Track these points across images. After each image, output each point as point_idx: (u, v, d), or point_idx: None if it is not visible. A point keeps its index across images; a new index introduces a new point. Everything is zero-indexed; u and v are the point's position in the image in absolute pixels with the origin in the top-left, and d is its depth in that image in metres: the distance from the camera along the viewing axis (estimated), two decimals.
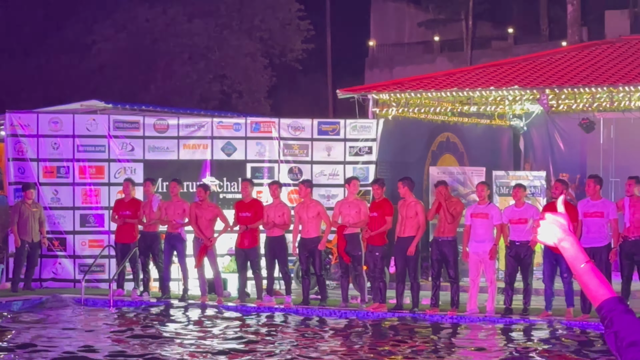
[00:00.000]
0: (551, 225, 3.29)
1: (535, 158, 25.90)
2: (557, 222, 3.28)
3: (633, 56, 23.63)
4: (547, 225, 3.31)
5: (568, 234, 3.26)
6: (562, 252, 3.28)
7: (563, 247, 3.28)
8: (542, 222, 3.32)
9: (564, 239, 3.27)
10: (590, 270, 3.23)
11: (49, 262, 21.47)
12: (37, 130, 21.51)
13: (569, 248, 3.30)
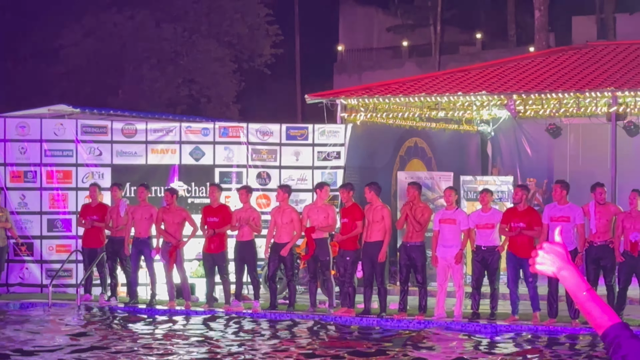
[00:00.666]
0: (549, 255, 3.30)
1: (503, 163, 26.02)
2: (556, 251, 3.29)
3: (599, 62, 23.79)
4: (546, 254, 3.31)
5: (567, 263, 3.26)
6: (561, 281, 3.28)
7: (563, 276, 3.27)
8: (540, 252, 3.34)
9: (563, 268, 3.28)
10: (592, 298, 3.23)
11: (16, 267, 21.42)
12: (4, 135, 21.46)
13: (569, 277, 3.27)
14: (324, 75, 53.09)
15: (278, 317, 18.39)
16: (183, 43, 41.48)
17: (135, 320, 18.57)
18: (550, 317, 17.30)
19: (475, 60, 45.63)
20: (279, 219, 18.90)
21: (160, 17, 40.84)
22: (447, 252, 17.89)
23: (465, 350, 15.76)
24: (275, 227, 18.92)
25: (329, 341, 16.31)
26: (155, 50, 40.77)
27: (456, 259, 17.84)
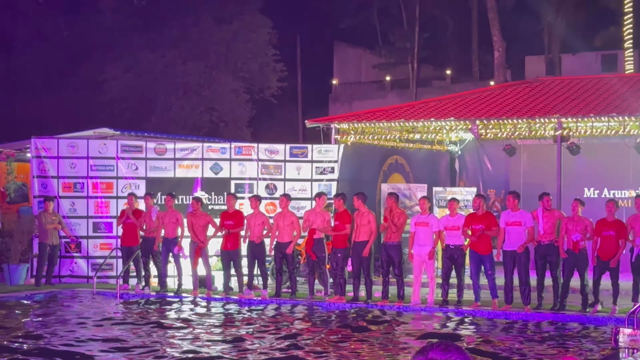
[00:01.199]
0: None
1: (468, 177, 26.05)
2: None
3: (547, 94, 23.83)
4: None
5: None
6: None
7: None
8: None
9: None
10: None
11: (67, 262, 21.47)
12: (57, 153, 21.52)
13: None
14: (321, 104, 53.11)
15: (282, 303, 18.42)
16: (205, 77, 41.59)
17: (165, 305, 18.59)
18: (507, 304, 17.31)
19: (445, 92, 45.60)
20: (281, 222, 18.95)
21: (186, 57, 40.93)
22: (422, 250, 17.95)
23: (435, 329, 15.78)
24: (277, 229, 18.97)
25: (325, 322, 16.30)
26: (181, 84, 40.87)
27: (429, 256, 17.90)
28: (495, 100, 23.69)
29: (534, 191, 19.70)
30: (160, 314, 17.32)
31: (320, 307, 18.05)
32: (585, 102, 22.22)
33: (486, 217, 17.63)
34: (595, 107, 21.55)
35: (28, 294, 19.23)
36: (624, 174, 23.16)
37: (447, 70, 54.51)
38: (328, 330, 15.27)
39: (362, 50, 57.03)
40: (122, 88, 40.07)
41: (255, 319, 16.63)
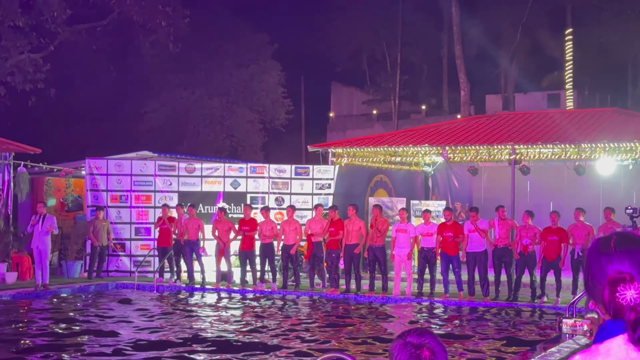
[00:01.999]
0: None
1: (439, 192, 26.01)
2: None
3: (504, 125, 23.83)
4: None
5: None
6: None
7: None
8: None
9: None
10: None
11: (114, 259, 21.41)
12: (106, 171, 21.50)
13: None
14: (320, 132, 53.12)
15: (288, 294, 18.38)
16: (227, 110, 41.61)
17: (193, 294, 18.56)
18: (470, 295, 17.30)
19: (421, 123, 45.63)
20: (287, 228, 18.95)
21: (212, 93, 40.97)
22: (401, 252, 17.93)
23: (413, 315, 15.75)
24: (284, 234, 18.95)
25: (324, 310, 16.27)
26: (208, 115, 40.89)
27: (407, 256, 17.88)
28: (461, 130, 23.70)
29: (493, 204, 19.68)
30: (189, 303, 17.29)
31: (319, 296, 18.02)
32: (534, 132, 22.23)
33: (454, 226, 17.63)
34: (542, 137, 21.55)
35: (81, 285, 19.18)
36: (565, 190, 23.15)
37: (422, 105, 54.56)
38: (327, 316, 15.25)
39: (354, 89, 57.12)
40: (159, 119, 40.09)
41: (266, 306, 16.61)
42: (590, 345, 2.40)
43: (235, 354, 11.15)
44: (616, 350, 2.21)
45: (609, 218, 16.72)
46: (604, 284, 2.27)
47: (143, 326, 13.46)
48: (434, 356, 2.60)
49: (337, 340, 12.43)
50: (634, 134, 20.67)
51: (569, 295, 16.40)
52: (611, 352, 2.22)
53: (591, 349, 2.29)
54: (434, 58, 53.31)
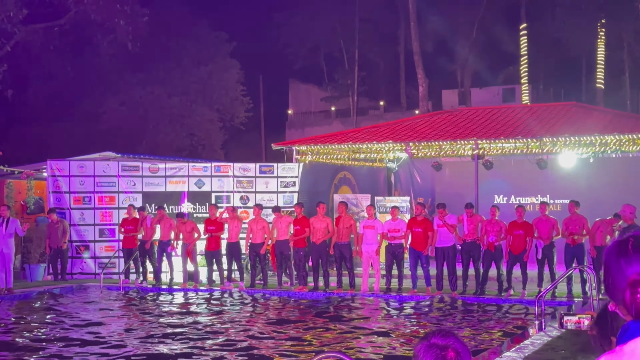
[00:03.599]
0: None
1: (402, 188, 26.12)
2: None
3: (465, 121, 23.98)
4: None
5: None
6: None
7: None
8: None
9: None
10: None
11: (78, 262, 21.11)
12: (69, 172, 21.19)
13: None
14: (279, 129, 53.10)
15: (255, 292, 18.28)
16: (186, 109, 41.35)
17: (159, 295, 18.38)
18: (438, 290, 17.37)
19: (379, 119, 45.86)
20: (254, 227, 18.84)
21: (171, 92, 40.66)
22: (369, 248, 17.91)
23: (381, 309, 15.76)
24: (251, 232, 18.85)
25: (292, 307, 16.20)
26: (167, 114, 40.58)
27: (375, 253, 17.89)
28: (424, 126, 23.80)
29: (456, 199, 19.86)
30: (156, 303, 17.10)
31: (286, 295, 17.95)
32: (496, 127, 22.40)
33: (424, 221, 17.67)
34: (504, 131, 21.73)
35: (46, 289, 18.88)
36: (528, 184, 23.38)
37: (380, 101, 54.78)
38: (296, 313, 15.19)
39: (311, 86, 57.17)
40: (118, 118, 39.67)
41: (234, 304, 16.50)
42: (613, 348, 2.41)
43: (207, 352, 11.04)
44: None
45: (573, 211, 16.90)
46: (624, 286, 2.31)
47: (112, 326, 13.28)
48: (459, 357, 2.63)
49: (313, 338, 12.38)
50: (594, 127, 20.94)
51: (535, 288, 16.58)
52: (636, 351, 2.24)
53: (616, 350, 2.33)
54: (391, 54, 53.57)
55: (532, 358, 9.69)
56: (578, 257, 16.62)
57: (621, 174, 22.20)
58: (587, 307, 14.18)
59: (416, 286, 17.57)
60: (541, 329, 12.11)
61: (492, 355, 9.98)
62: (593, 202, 20.10)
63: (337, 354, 5.78)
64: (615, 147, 21.00)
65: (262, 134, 53.02)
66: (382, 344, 11.90)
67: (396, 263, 17.89)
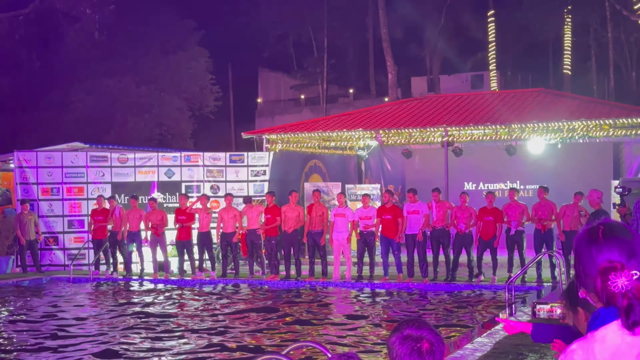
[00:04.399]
0: None
1: (372, 175, 26.15)
2: None
3: (435, 108, 24.07)
4: None
5: None
6: None
7: None
8: None
9: None
10: None
11: (47, 253, 20.93)
12: (36, 163, 20.98)
13: None
14: (249, 118, 52.87)
15: (227, 282, 18.26)
16: (155, 98, 41.00)
17: (130, 286, 18.28)
18: (409, 277, 17.44)
19: (349, 107, 45.84)
20: (225, 216, 18.79)
21: (139, 81, 40.30)
22: (340, 236, 17.94)
23: (353, 297, 15.80)
24: (222, 222, 18.81)
25: (264, 295, 16.20)
26: (135, 104, 40.21)
27: (346, 240, 17.91)
28: (394, 114, 23.84)
29: (426, 186, 19.90)
30: (127, 294, 17.02)
31: (259, 283, 17.94)
32: (465, 114, 22.49)
33: (393, 208, 17.71)
34: (473, 118, 21.84)
35: (15, 281, 18.71)
36: (497, 170, 23.52)
37: (349, 89, 54.75)
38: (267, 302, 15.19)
39: (281, 74, 56.99)
40: (85, 108, 39.23)
41: (206, 294, 16.46)
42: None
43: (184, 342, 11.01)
44: (611, 336, 2.28)
45: (542, 197, 17.04)
46: (595, 273, 2.33)
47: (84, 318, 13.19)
48: (433, 347, 2.64)
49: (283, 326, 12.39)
50: (562, 113, 21.11)
51: (505, 273, 16.73)
52: (607, 338, 2.29)
53: (587, 337, 2.37)
54: (361, 41, 53.53)
55: (503, 343, 9.77)
56: (547, 242, 16.78)
57: (589, 160, 22.41)
58: (557, 292, 14.32)
59: (387, 273, 17.63)
60: (512, 314, 12.21)
61: (464, 341, 10.05)
62: (561, 188, 20.30)
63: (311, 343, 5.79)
64: (583, 132, 21.21)
65: (231, 122, 52.86)
66: (354, 333, 11.92)
67: (368, 250, 17.92)
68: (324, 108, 49.37)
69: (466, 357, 8.83)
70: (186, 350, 10.77)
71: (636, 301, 2.25)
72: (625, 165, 22.40)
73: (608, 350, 2.26)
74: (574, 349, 2.33)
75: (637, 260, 2.31)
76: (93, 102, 39.04)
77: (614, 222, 2.51)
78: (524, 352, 9.19)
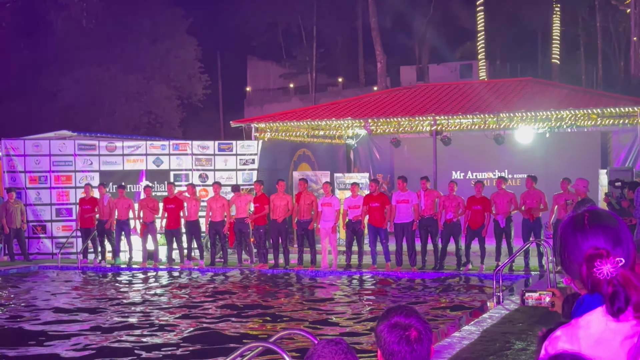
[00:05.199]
0: None
1: (361, 164, 26.16)
2: None
3: (424, 97, 24.06)
4: None
5: None
6: None
7: None
8: None
9: None
10: None
11: (35, 242, 20.88)
12: (24, 152, 20.91)
13: None
14: (238, 107, 52.80)
15: (216, 271, 18.24)
16: (143, 87, 40.88)
17: (118, 274, 18.24)
18: (397, 265, 17.47)
19: (338, 96, 45.82)
20: (213, 205, 18.77)
21: (127, 70, 40.12)
22: (327, 225, 17.96)
23: (340, 285, 15.82)
24: (211, 210, 18.78)
25: (252, 284, 16.20)
26: (124, 92, 40.08)
27: (332, 230, 17.91)
28: (383, 103, 23.82)
29: (415, 175, 19.89)
30: (115, 283, 16.99)
31: (247, 271, 17.94)
32: (454, 103, 22.51)
33: (380, 196, 17.72)
34: (462, 107, 21.85)
35: (3, 269, 18.64)
36: (485, 159, 23.56)
37: (338, 78, 54.70)
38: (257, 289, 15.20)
39: (270, 63, 56.90)
40: (73, 96, 39.08)
41: (195, 283, 16.45)
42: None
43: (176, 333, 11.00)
44: (595, 322, 2.29)
45: (530, 186, 17.06)
46: (580, 260, 2.34)
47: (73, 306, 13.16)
48: (421, 335, 2.63)
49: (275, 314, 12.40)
50: (550, 103, 21.14)
51: (493, 262, 16.77)
52: (591, 324, 2.29)
53: (571, 323, 2.38)
54: (350, 30, 53.46)
55: (491, 331, 9.80)
56: (535, 231, 16.82)
57: (577, 149, 22.48)
58: (544, 281, 14.38)
59: (376, 262, 17.65)
60: (499, 302, 12.25)
61: (451, 329, 10.08)
62: (550, 177, 20.35)
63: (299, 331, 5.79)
64: (571, 122, 21.26)
65: (220, 111, 52.74)
66: (341, 321, 11.94)
67: (356, 239, 17.94)
68: (313, 97, 49.31)
69: (454, 345, 8.86)
70: (171, 341, 10.76)
71: (621, 288, 2.25)
72: (613, 154, 22.48)
73: (592, 336, 2.27)
74: (558, 335, 2.34)
75: (622, 248, 2.32)
76: (81, 91, 38.87)
77: (600, 209, 2.52)
78: (512, 340, 9.22)
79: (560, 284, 12.75)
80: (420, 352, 2.62)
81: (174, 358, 9.53)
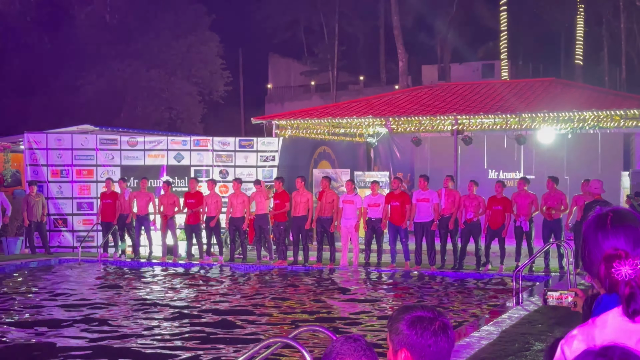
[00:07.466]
0: None
1: (381, 163, 26.15)
2: None
3: (445, 96, 24.01)
4: None
5: None
6: None
7: None
8: None
9: None
10: None
11: (56, 235, 21.01)
12: (46, 145, 21.03)
13: None
14: (259, 104, 52.93)
15: (235, 267, 18.30)
16: (164, 82, 40.99)
17: (138, 269, 18.35)
18: (417, 264, 17.46)
19: (359, 94, 45.78)
20: (234, 201, 18.82)
21: (149, 65, 40.27)
22: (348, 223, 17.96)
23: (360, 283, 15.82)
24: (231, 207, 18.83)
25: (271, 280, 16.23)
26: (145, 87, 40.22)
27: (355, 228, 17.92)
28: (404, 101, 23.79)
29: (435, 174, 19.89)
30: (134, 277, 17.09)
31: (266, 268, 17.98)
32: (475, 103, 22.44)
33: (401, 195, 17.71)
34: (483, 107, 21.79)
35: (23, 262, 18.80)
36: (506, 159, 23.48)
37: (360, 76, 54.68)
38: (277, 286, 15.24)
39: (291, 60, 56.94)
40: (96, 91, 39.27)
41: (213, 278, 16.51)
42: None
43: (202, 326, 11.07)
44: (612, 322, 2.30)
45: (552, 187, 16.98)
46: (600, 259, 2.35)
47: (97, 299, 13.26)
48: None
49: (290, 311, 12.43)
50: (572, 103, 21.03)
51: (513, 263, 16.71)
52: (607, 324, 2.30)
53: (588, 322, 2.38)
54: (371, 28, 53.41)
55: (510, 332, 9.78)
56: (555, 232, 16.75)
57: (599, 150, 22.34)
58: (564, 282, 14.32)
59: (395, 261, 17.65)
60: (519, 303, 12.22)
61: (470, 329, 10.07)
62: (571, 178, 20.26)
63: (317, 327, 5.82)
64: (593, 123, 21.14)
65: (241, 108, 52.83)
66: (360, 318, 11.95)
67: (375, 237, 17.94)
68: (333, 95, 49.29)
69: (473, 345, 8.85)
70: (189, 335, 10.81)
71: (638, 290, 2.26)
72: (635, 156, 22.32)
73: (608, 336, 2.28)
74: (574, 334, 2.34)
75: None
76: (103, 85, 39.06)
77: (625, 209, 2.52)
78: (531, 341, 9.20)
79: (580, 285, 12.70)
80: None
81: (192, 351, 9.58)
